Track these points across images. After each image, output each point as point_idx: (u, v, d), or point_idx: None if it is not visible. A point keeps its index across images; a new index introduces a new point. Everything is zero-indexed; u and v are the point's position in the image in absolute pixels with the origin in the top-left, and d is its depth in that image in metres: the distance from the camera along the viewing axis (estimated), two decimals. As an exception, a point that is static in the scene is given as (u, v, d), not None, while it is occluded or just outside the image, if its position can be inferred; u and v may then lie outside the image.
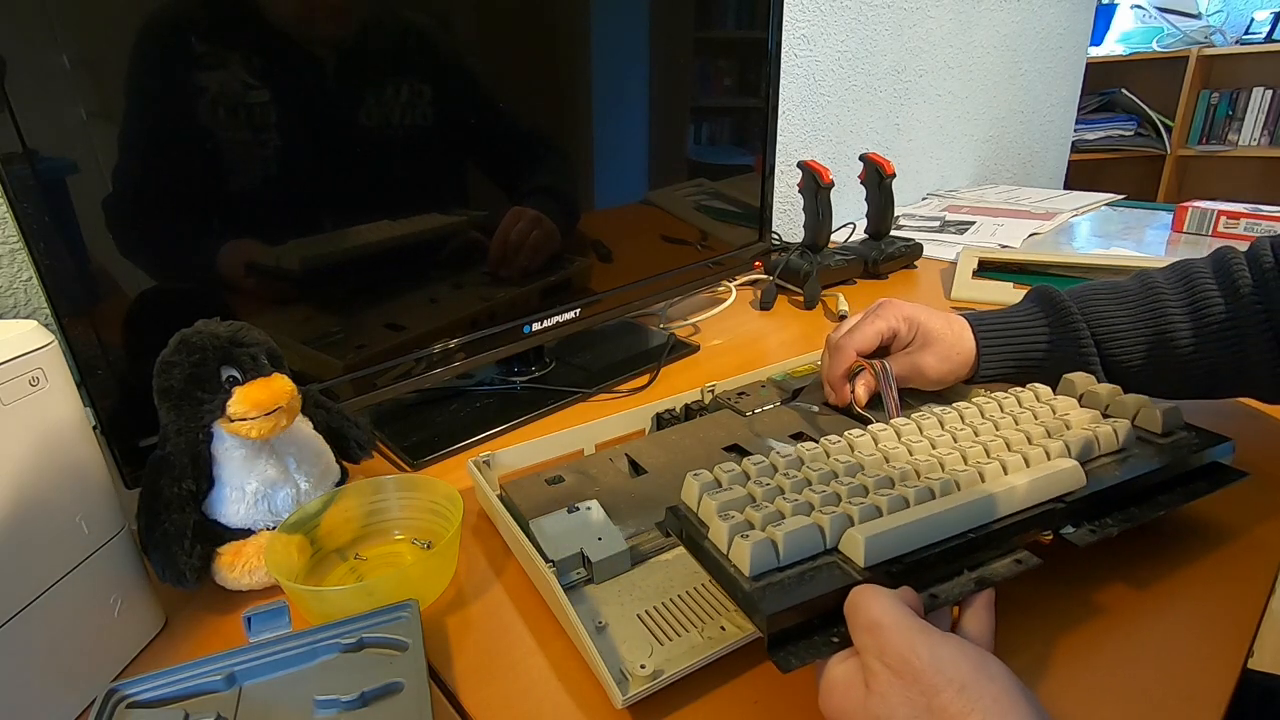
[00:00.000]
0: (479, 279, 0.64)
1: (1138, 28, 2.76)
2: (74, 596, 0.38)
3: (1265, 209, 1.10)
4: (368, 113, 0.53)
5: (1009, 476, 0.40)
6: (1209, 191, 2.75)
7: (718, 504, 0.38)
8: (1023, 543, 0.38)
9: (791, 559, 0.35)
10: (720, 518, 0.37)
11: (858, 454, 0.43)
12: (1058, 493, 0.40)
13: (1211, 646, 0.38)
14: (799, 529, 0.35)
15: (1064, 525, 0.40)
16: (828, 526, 0.36)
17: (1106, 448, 0.44)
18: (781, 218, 1.21)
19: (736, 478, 0.41)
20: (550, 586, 0.40)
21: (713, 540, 0.37)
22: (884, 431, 0.45)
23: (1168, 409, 0.46)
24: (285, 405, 0.45)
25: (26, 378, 0.35)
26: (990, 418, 0.46)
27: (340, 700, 0.35)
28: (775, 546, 0.35)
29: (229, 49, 0.46)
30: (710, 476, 0.41)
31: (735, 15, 0.81)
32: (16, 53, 0.39)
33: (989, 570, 0.36)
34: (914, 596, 0.33)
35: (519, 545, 0.45)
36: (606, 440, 0.58)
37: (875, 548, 0.35)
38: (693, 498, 0.40)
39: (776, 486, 0.40)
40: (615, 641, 0.39)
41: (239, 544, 0.46)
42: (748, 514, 0.37)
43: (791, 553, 0.35)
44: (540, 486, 0.50)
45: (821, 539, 0.36)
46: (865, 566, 0.34)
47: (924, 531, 0.36)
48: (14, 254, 0.58)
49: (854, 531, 0.35)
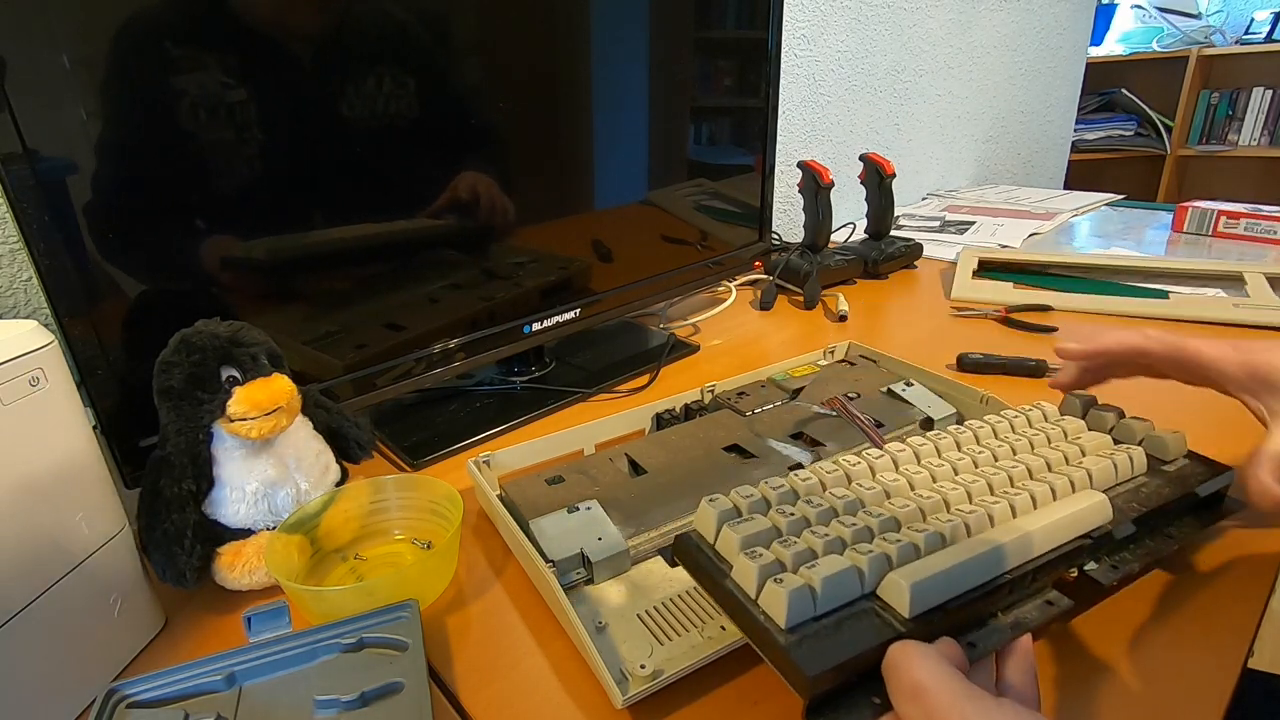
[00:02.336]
0: (478, 277, 0.64)
1: (1138, 28, 2.76)
2: (74, 596, 0.38)
3: (1265, 209, 1.10)
4: (367, 113, 0.53)
5: (1039, 511, 0.38)
6: (1209, 191, 2.75)
7: (740, 538, 0.34)
8: (1050, 581, 0.36)
9: (828, 606, 0.31)
10: (746, 555, 0.33)
11: (879, 478, 0.40)
12: (1087, 528, 0.38)
13: (1211, 646, 0.38)
14: (837, 573, 0.31)
15: (1088, 561, 0.38)
16: (866, 568, 0.32)
17: (1123, 477, 0.42)
18: (781, 218, 1.21)
19: (757, 505, 0.37)
20: (550, 586, 0.40)
21: (737, 581, 0.33)
22: (903, 453, 0.43)
23: (1174, 436, 0.45)
24: (285, 405, 0.45)
25: (26, 378, 0.35)
26: (1005, 440, 0.44)
27: (340, 700, 0.35)
28: (812, 593, 0.31)
29: (219, 50, 0.46)
30: (728, 503, 0.37)
31: (735, 15, 0.81)
32: (16, 53, 0.39)
33: (1022, 613, 0.34)
34: (956, 651, 0.30)
35: (519, 545, 0.45)
36: (606, 440, 0.58)
37: (920, 595, 0.31)
38: (709, 528, 0.36)
39: (801, 517, 0.36)
40: (615, 641, 0.39)
41: (239, 544, 0.46)
42: (775, 551, 0.33)
43: (829, 599, 0.31)
44: (540, 486, 0.50)
45: (860, 582, 0.32)
46: (910, 617, 0.31)
47: (966, 575, 0.33)
48: (14, 254, 0.58)
49: (896, 576, 0.32)
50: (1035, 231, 1.21)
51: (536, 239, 0.67)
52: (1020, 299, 0.89)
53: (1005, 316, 0.86)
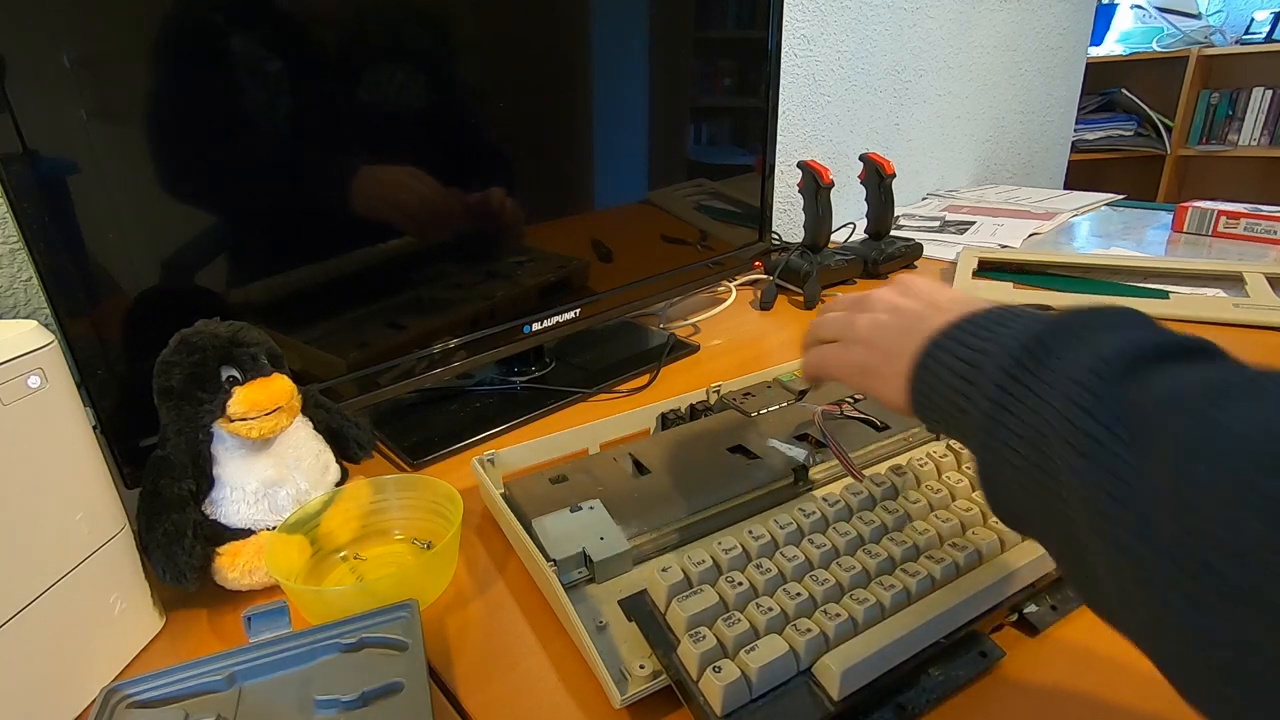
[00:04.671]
0: (478, 277, 0.64)
1: (1138, 28, 2.76)
2: (74, 596, 0.38)
3: (1265, 209, 1.10)
4: (365, 114, 0.53)
5: (985, 567, 0.39)
6: (1209, 191, 2.75)
7: (687, 616, 0.36)
8: (985, 629, 0.38)
9: (764, 689, 0.34)
10: (690, 638, 0.35)
11: (832, 532, 0.42)
12: (1035, 577, 0.39)
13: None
14: (773, 661, 0.33)
15: (1027, 604, 0.39)
16: (802, 650, 0.34)
17: None
18: (781, 218, 1.21)
19: (707, 573, 0.39)
20: (551, 585, 0.40)
21: (682, 659, 0.35)
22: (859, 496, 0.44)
23: None
24: (285, 405, 0.45)
25: (26, 378, 0.35)
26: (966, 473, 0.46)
27: (340, 700, 0.35)
28: (748, 682, 0.33)
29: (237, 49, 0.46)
30: (679, 573, 0.39)
31: (735, 15, 0.81)
32: (16, 53, 0.39)
33: (953, 668, 0.36)
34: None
35: (521, 544, 0.45)
36: (611, 440, 0.58)
37: (850, 679, 0.33)
38: (660, 598, 0.38)
39: (749, 586, 0.38)
40: (615, 641, 0.39)
41: (238, 544, 0.46)
42: (718, 630, 0.35)
43: (765, 683, 0.34)
44: (544, 485, 0.50)
45: (796, 663, 0.34)
46: (839, 699, 0.33)
47: (900, 649, 0.35)
48: (14, 254, 0.58)
49: (829, 661, 0.34)
50: (1035, 231, 1.21)
51: (537, 239, 0.67)
52: (1020, 299, 0.89)
53: (1005, 316, 0.85)
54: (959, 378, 0.30)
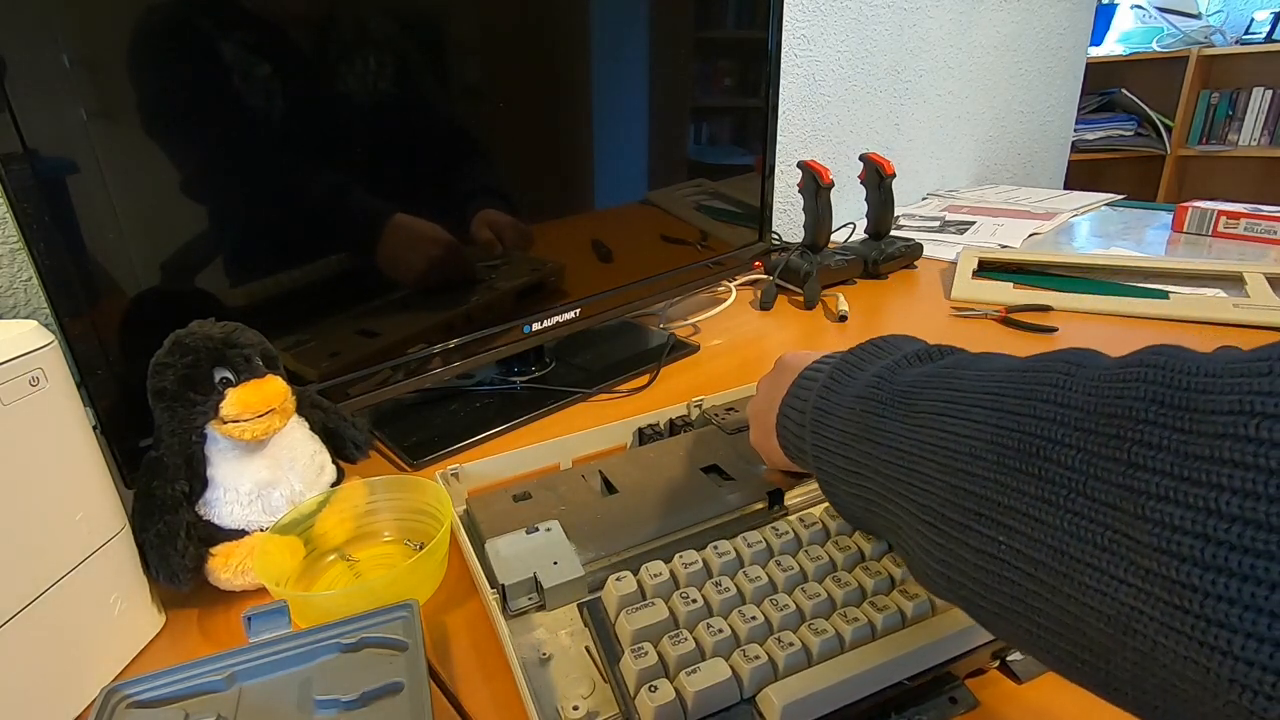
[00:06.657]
0: (477, 277, 0.64)
1: (1138, 28, 2.76)
2: (74, 596, 0.38)
3: (1265, 209, 1.10)
4: (363, 114, 0.53)
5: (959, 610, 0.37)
6: (1209, 191, 2.75)
7: (633, 630, 0.35)
8: (961, 673, 0.36)
9: (701, 714, 0.32)
10: (633, 653, 0.33)
11: (803, 555, 0.39)
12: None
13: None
14: (711, 686, 0.32)
15: (1010, 651, 0.37)
16: (747, 678, 0.33)
17: None
18: (781, 218, 1.21)
19: (662, 586, 0.38)
20: (492, 613, 0.39)
21: (623, 673, 0.34)
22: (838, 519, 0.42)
23: None
24: (278, 407, 0.45)
25: (26, 378, 0.35)
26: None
27: (340, 700, 0.35)
28: (683, 705, 0.32)
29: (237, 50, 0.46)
30: (633, 584, 0.38)
31: (735, 15, 0.81)
32: (16, 53, 0.39)
33: (917, 713, 0.34)
34: None
35: (473, 566, 0.43)
36: (585, 455, 0.56)
37: (793, 714, 0.32)
38: (611, 606, 0.37)
39: (703, 604, 0.37)
40: (554, 677, 0.36)
41: (231, 545, 0.46)
42: (663, 647, 0.34)
43: (701, 708, 0.32)
44: (506, 503, 0.48)
45: (739, 690, 0.33)
46: None
47: (851, 689, 0.33)
48: (14, 254, 0.58)
49: (771, 693, 0.32)
50: (1035, 231, 1.21)
51: (537, 238, 0.67)
52: (1020, 299, 0.90)
53: (1005, 317, 0.86)
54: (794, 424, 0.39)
